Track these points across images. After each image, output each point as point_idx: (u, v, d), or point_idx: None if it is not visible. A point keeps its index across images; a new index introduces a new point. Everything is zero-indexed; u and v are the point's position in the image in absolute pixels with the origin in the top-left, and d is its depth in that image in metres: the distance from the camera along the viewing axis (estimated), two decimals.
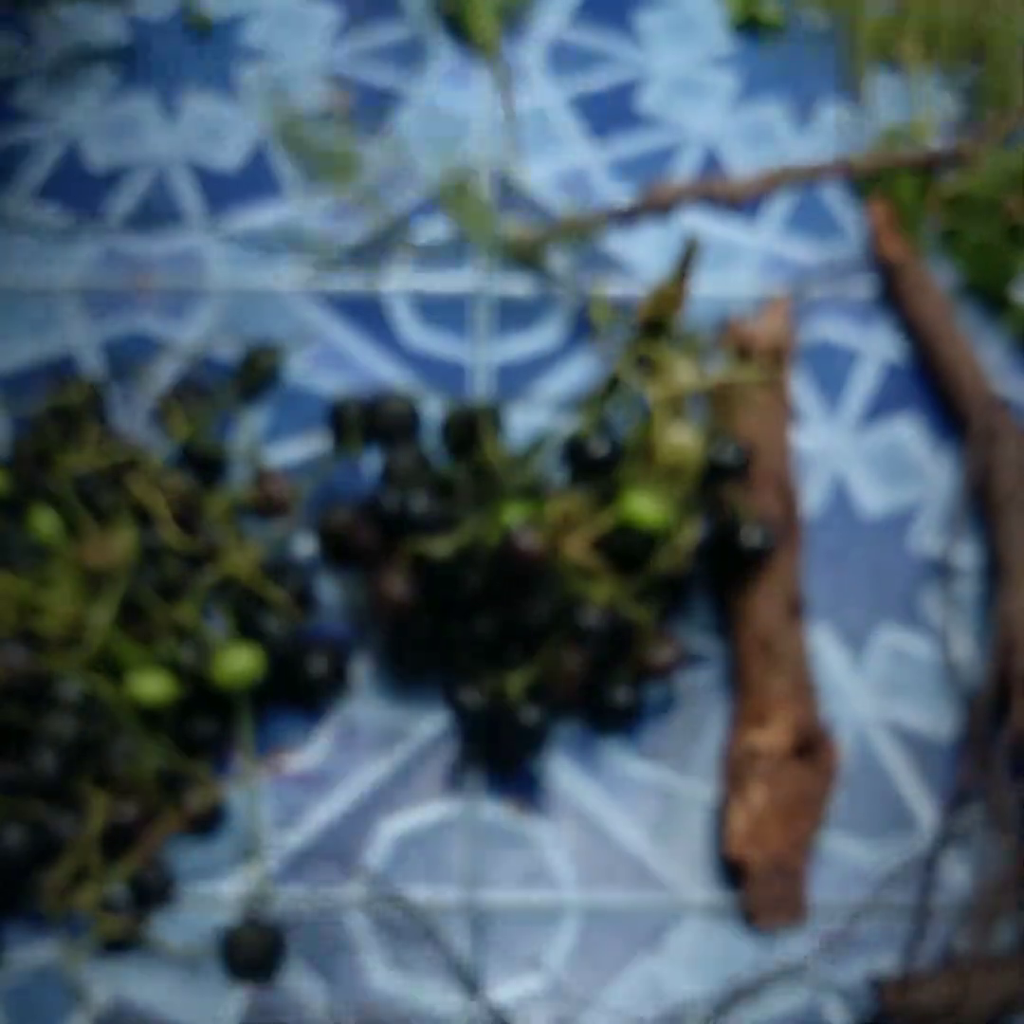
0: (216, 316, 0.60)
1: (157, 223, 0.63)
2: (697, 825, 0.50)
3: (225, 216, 0.63)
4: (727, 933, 0.48)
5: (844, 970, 0.47)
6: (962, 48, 0.68)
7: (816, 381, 0.60)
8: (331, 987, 0.46)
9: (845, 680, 0.53)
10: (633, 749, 0.51)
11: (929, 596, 0.55)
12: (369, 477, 0.56)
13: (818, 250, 0.63)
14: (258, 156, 0.65)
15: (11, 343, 0.60)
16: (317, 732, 0.51)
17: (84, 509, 0.51)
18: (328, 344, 0.60)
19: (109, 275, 0.61)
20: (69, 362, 0.59)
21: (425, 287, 0.62)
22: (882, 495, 0.57)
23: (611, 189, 0.65)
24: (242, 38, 0.69)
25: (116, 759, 0.46)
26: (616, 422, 0.51)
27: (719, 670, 0.53)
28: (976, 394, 0.57)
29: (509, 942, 0.47)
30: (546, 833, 0.50)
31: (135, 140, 0.66)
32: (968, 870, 0.49)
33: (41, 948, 0.47)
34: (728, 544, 0.51)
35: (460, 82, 0.68)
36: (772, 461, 0.54)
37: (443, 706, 0.51)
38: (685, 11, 0.71)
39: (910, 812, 0.50)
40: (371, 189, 0.64)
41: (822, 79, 0.69)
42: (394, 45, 0.69)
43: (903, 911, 0.48)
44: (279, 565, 0.52)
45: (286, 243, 0.63)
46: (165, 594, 0.49)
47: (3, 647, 0.46)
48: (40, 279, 0.61)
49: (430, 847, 0.49)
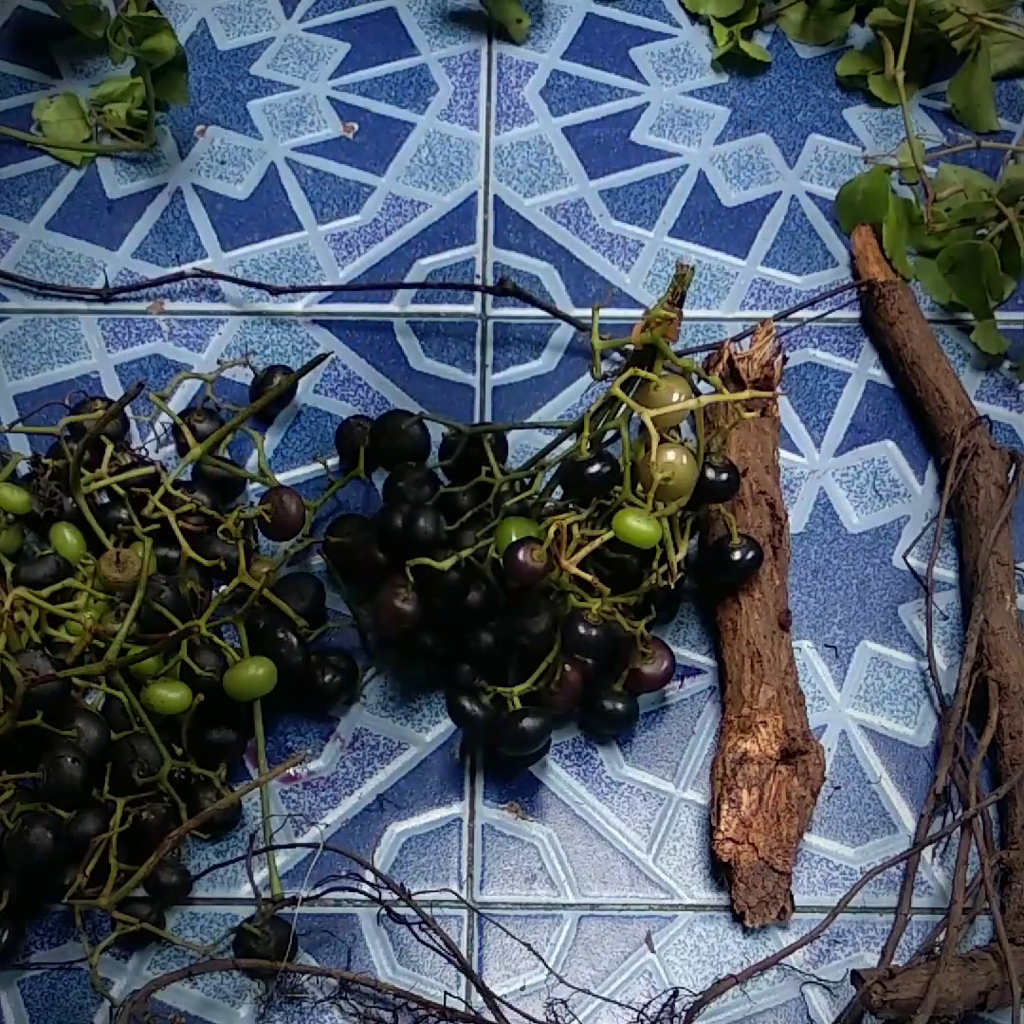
0: (230, 339, 0.62)
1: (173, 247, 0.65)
2: (688, 828, 0.51)
3: (238, 242, 0.65)
4: (717, 930, 0.49)
5: (828, 965, 0.49)
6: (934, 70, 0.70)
7: (803, 401, 0.61)
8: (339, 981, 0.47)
9: (830, 689, 0.54)
10: (628, 755, 0.53)
11: (911, 609, 0.56)
12: (376, 496, 0.57)
13: (805, 274, 0.65)
14: (269, 184, 0.67)
15: (32, 363, 0.61)
16: (327, 739, 0.53)
17: (103, 526, 0.52)
18: (338, 367, 0.62)
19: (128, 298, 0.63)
20: (89, 382, 0.61)
21: (430, 312, 0.63)
22: (866, 512, 0.58)
23: (606, 216, 0.66)
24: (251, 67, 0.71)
25: (136, 765, 0.47)
26: (611, 443, 0.52)
27: (709, 680, 0.54)
28: (957, 413, 0.58)
29: (509, 939, 0.49)
30: (545, 836, 0.51)
31: None
32: (946, 870, 0.50)
33: (64, 945, 0.48)
34: (718, 560, 0.52)
35: (462, 112, 0.70)
36: (761, 480, 0.56)
37: (447, 715, 0.53)
38: (677, 43, 0.73)
39: (891, 815, 0.52)
40: (377, 216, 0.66)
41: (809, 110, 0.70)
42: (399, 76, 0.71)
43: (885, 909, 0.50)
44: (291, 580, 0.53)
45: (297, 269, 0.64)
46: (182, 608, 0.50)
47: (27, 657, 0.47)
48: (61, 301, 0.63)
49: (434, 848, 0.51)
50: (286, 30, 0.72)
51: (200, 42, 0.72)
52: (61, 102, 0.68)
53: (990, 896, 0.46)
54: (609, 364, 0.61)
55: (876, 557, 0.57)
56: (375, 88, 0.70)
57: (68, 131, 0.68)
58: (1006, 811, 0.50)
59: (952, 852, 0.50)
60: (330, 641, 0.54)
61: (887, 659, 0.55)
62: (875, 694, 0.54)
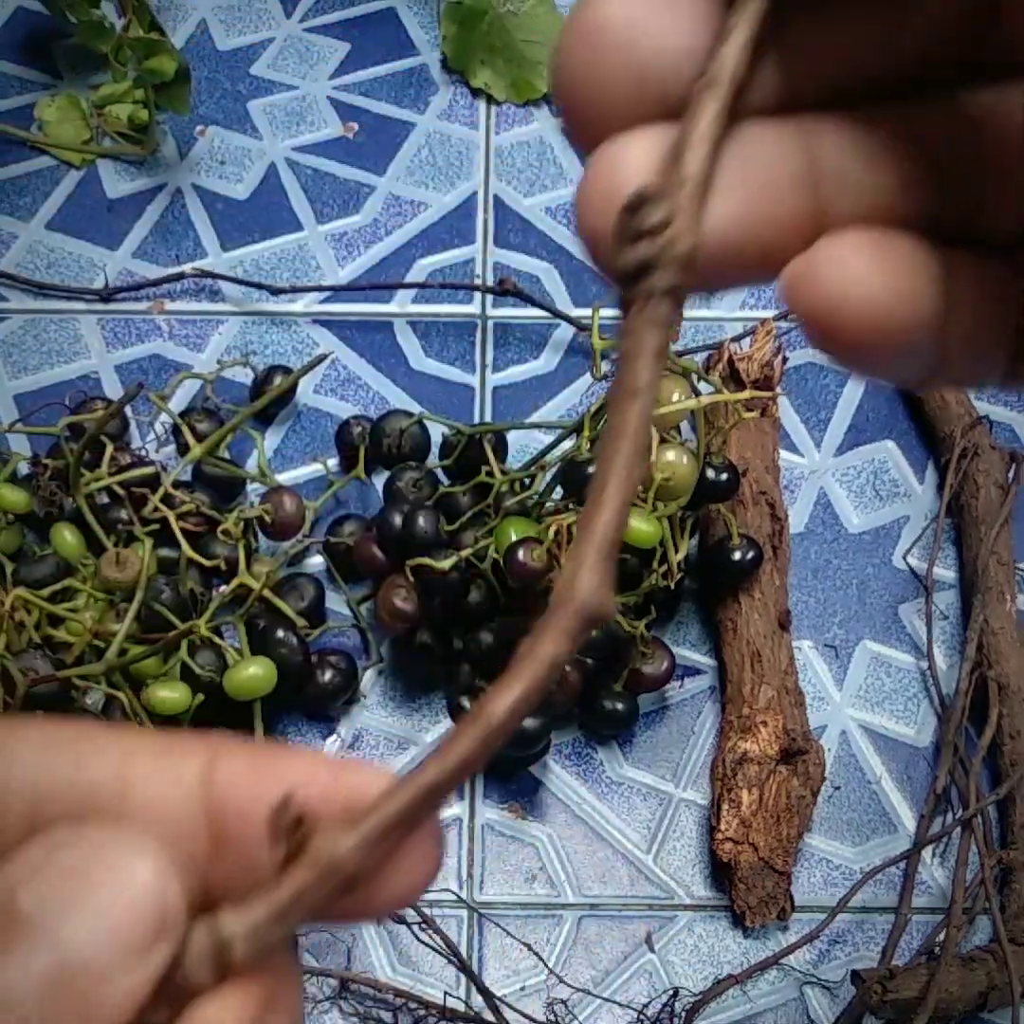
0: (230, 339, 0.62)
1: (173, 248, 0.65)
2: (688, 828, 0.51)
3: (238, 242, 0.65)
4: (717, 930, 0.49)
5: (828, 965, 0.49)
6: None
7: (803, 401, 0.61)
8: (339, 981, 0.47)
9: (830, 689, 0.55)
10: (628, 755, 0.53)
11: (911, 609, 0.56)
12: (376, 496, 0.57)
13: None
14: (269, 184, 0.67)
15: (32, 363, 0.61)
16: (327, 739, 0.53)
17: (103, 526, 0.52)
18: (338, 367, 0.62)
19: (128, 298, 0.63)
20: (89, 382, 0.61)
21: (430, 312, 0.63)
22: (866, 512, 0.59)
23: None
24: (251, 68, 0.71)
25: None
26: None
27: (709, 680, 0.54)
28: (957, 413, 0.59)
29: (509, 939, 0.49)
30: (545, 836, 0.51)
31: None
32: (946, 870, 0.50)
33: None
34: (718, 560, 0.53)
35: (462, 112, 0.70)
36: (761, 480, 0.56)
37: (447, 715, 0.53)
38: None
39: (891, 815, 0.52)
40: (377, 216, 0.66)
41: None
42: (399, 76, 0.71)
43: (885, 909, 0.50)
44: (291, 580, 0.53)
45: (297, 269, 0.64)
46: (182, 608, 0.50)
47: (27, 657, 0.47)
48: (61, 301, 0.63)
49: None
50: (286, 30, 0.72)
51: (200, 42, 0.72)
52: (62, 101, 0.68)
53: (990, 896, 0.46)
54: (609, 364, 0.62)
55: (876, 557, 0.57)
56: (375, 88, 0.70)
57: (69, 131, 0.68)
58: (1006, 811, 0.50)
59: (952, 852, 0.51)
60: (330, 641, 0.54)
61: (887, 659, 0.55)
62: (875, 694, 0.54)
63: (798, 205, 0.17)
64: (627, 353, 0.16)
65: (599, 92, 0.16)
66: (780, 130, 0.17)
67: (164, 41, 0.60)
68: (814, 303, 0.16)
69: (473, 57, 0.68)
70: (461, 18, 0.67)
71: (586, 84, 0.16)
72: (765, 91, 0.17)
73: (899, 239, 0.17)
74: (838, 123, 0.17)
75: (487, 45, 0.67)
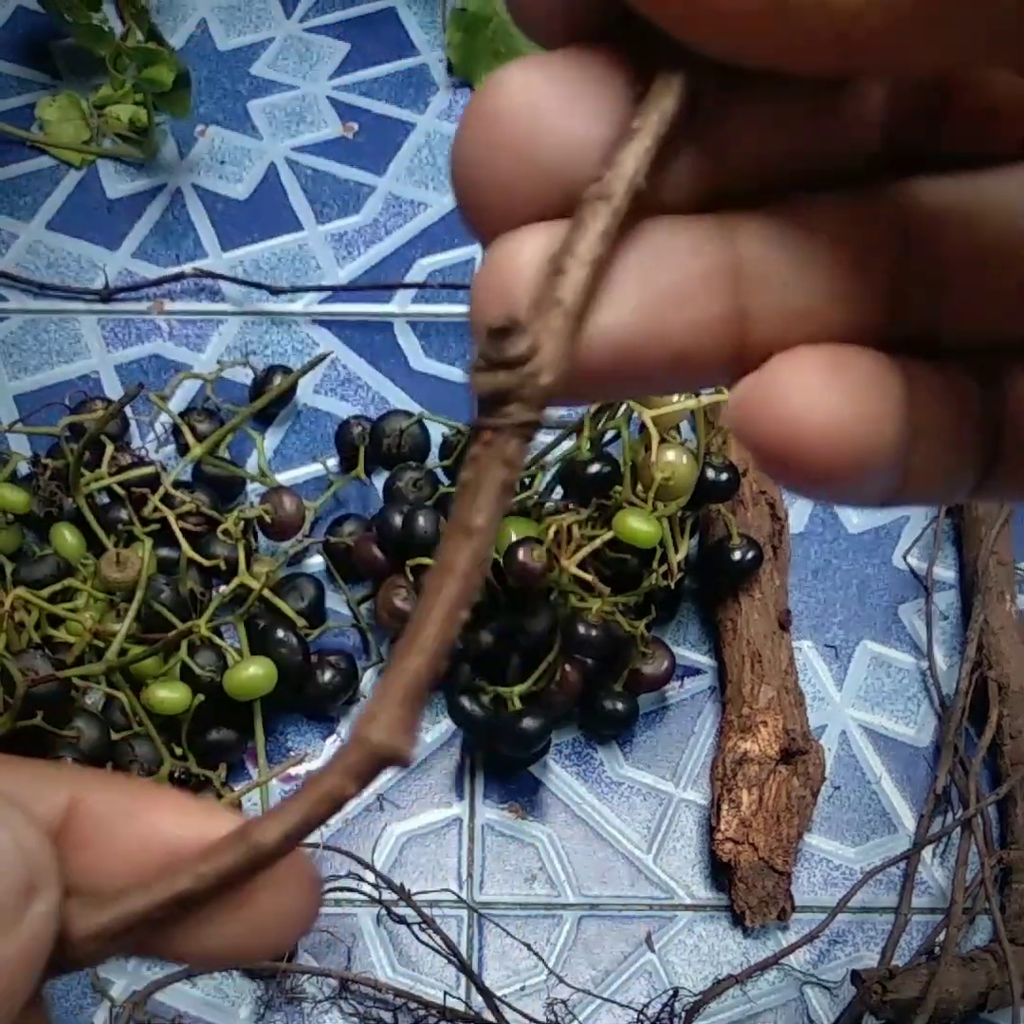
0: (230, 339, 0.62)
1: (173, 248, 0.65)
2: (688, 828, 0.51)
3: (238, 242, 0.65)
4: (717, 930, 0.49)
5: (828, 965, 0.49)
6: None
7: None
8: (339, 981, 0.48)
9: (830, 689, 0.55)
10: (628, 755, 0.53)
11: (911, 609, 0.56)
12: (376, 496, 0.57)
13: None
14: (269, 184, 0.67)
15: (32, 364, 0.61)
16: (327, 739, 0.53)
17: (103, 526, 0.52)
18: (338, 367, 0.62)
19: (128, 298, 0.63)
20: (89, 383, 0.61)
21: (430, 312, 0.63)
22: (866, 512, 0.58)
23: None
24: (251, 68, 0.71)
25: (136, 765, 0.48)
26: (611, 443, 0.52)
27: (709, 680, 0.54)
28: None
29: (509, 939, 0.49)
30: (545, 836, 0.51)
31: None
32: (946, 870, 0.50)
33: None
34: (718, 560, 0.53)
35: (462, 112, 0.70)
36: (761, 479, 0.56)
37: (447, 715, 0.52)
38: None
39: (891, 815, 0.52)
40: (377, 216, 0.66)
41: None
42: (399, 76, 0.71)
43: (885, 909, 0.50)
44: (291, 580, 0.53)
45: (297, 269, 0.64)
46: (182, 608, 0.50)
47: (27, 657, 0.47)
48: (61, 301, 0.63)
49: (434, 848, 0.51)
50: (286, 30, 0.72)
51: (200, 42, 0.72)
52: (63, 101, 0.68)
53: (990, 896, 0.46)
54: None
55: (876, 557, 0.57)
56: (375, 88, 0.70)
57: (69, 131, 0.68)
58: (1006, 811, 0.50)
59: (952, 852, 0.51)
60: (330, 641, 0.54)
61: (887, 659, 0.55)
62: (875, 694, 0.54)
63: (714, 306, 0.15)
64: (468, 484, 0.14)
65: (496, 183, 0.15)
66: (696, 225, 0.15)
67: (162, 50, 0.60)
68: (767, 429, 0.15)
69: (478, 63, 0.68)
70: (466, 25, 0.67)
71: (483, 174, 0.15)
72: (679, 190, 0.15)
73: (856, 355, 0.15)
74: (765, 219, 0.15)
75: (492, 51, 0.67)
